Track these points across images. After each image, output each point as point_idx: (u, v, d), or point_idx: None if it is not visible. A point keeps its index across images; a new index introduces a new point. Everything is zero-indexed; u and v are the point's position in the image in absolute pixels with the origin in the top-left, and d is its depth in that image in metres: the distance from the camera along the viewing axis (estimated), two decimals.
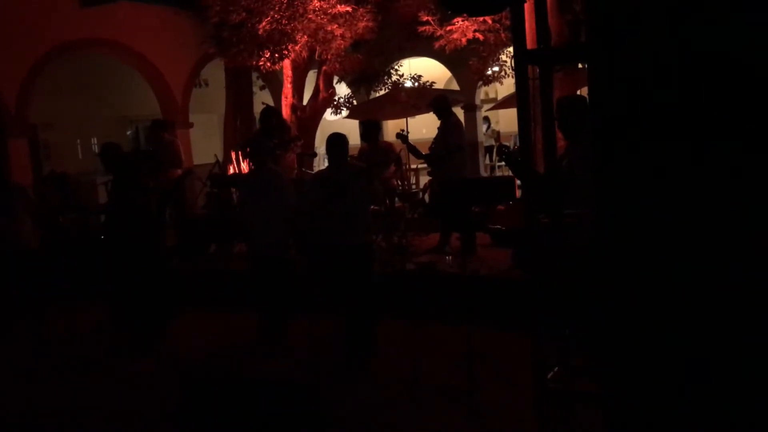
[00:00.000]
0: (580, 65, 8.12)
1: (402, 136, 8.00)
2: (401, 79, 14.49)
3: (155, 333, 6.29)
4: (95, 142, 14.71)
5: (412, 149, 7.96)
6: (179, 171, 9.66)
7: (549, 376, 3.01)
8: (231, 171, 9.72)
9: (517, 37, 2.80)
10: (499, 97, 17.35)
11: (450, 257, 7.71)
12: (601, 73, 2.34)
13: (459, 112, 15.72)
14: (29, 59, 10.80)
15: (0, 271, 6.55)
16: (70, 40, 11.31)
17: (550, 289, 3.18)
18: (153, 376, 5.63)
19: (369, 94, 15.60)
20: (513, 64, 2.89)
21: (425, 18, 8.72)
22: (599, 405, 2.64)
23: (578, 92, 8.89)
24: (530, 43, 2.98)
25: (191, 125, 13.57)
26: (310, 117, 11.25)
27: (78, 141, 14.77)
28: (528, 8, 3.55)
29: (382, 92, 14.36)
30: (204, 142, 15.12)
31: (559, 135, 5.09)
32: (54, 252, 7.99)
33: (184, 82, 13.24)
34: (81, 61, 12.53)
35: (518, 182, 5.80)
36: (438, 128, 8.26)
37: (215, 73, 13.70)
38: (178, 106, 13.17)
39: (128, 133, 15.46)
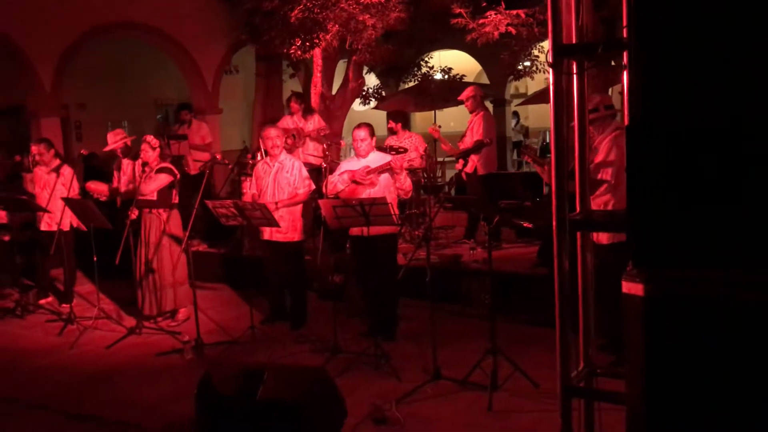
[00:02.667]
0: (613, 62, 8.02)
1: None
2: (431, 71, 14.44)
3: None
4: (126, 124, 14.88)
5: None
6: (207, 155, 9.77)
7: (573, 374, 2.99)
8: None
9: (554, 31, 2.77)
10: (529, 92, 17.22)
11: (475, 251, 7.69)
12: (641, 70, 2.31)
13: (488, 106, 15.64)
14: (65, 40, 10.92)
15: None
16: (104, 22, 11.41)
17: (576, 288, 3.15)
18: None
19: (398, 85, 15.57)
20: (547, 59, 2.85)
21: (458, 10, 8.64)
22: (623, 405, 2.62)
23: (610, 90, 8.78)
24: (570, 37, 2.94)
25: (221, 111, 13.66)
26: (338, 106, 11.25)
27: (109, 123, 14.94)
28: (563, 3, 3.50)
29: (411, 84, 14.33)
30: (232, 128, 15.23)
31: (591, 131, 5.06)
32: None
33: (215, 68, 13.30)
34: (114, 44, 12.66)
35: (546, 181, 5.75)
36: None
37: (245, 59, 13.76)
38: (209, 91, 13.24)
39: (158, 117, 15.60)
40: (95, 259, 6.76)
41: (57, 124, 11.09)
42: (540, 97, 13.34)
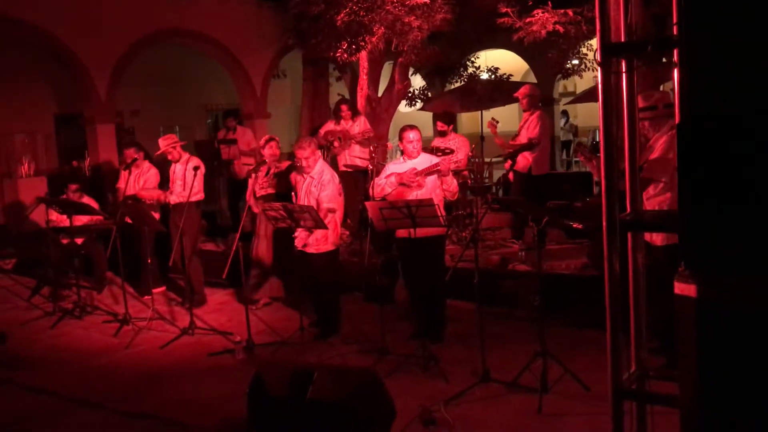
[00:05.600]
0: (664, 59, 7.85)
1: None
2: (477, 72, 14.37)
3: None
4: (177, 129, 15.20)
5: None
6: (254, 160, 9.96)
7: (624, 377, 2.94)
8: None
9: (602, 29, 2.74)
10: (578, 91, 16.99)
11: (523, 252, 7.62)
12: (691, 67, 2.27)
13: None
14: (120, 48, 11.25)
15: None
16: (156, 30, 11.71)
17: (628, 290, 3.10)
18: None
19: (444, 86, 15.52)
20: (595, 58, 2.82)
21: (504, 9, 8.58)
22: (676, 408, 2.57)
23: (661, 87, 8.60)
24: (618, 35, 2.90)
25: (269, 115, 13.85)
26: (384, 108, 11.28)
27: (161, 128, 15.29)
28: (611, 1, 3.46)
29: (457, 84, 14.28)
30: (281, 132, 15.42)
31: (642, 131, 4.96)
32: None
33: (263, 73, 13.50)
34: (165, 51, 12.96)
35: (596, 178, 5.66)
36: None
37: (293, 64, 13.92)
38: (257, 96, 13.45)
39: (208, 121, 15.90)
40: (149, 261, 6.94)
41: (112, 131, 11.42)
42: (589, 95, 13.14)
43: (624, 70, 2.87)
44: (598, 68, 2.85)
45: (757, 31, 2.14)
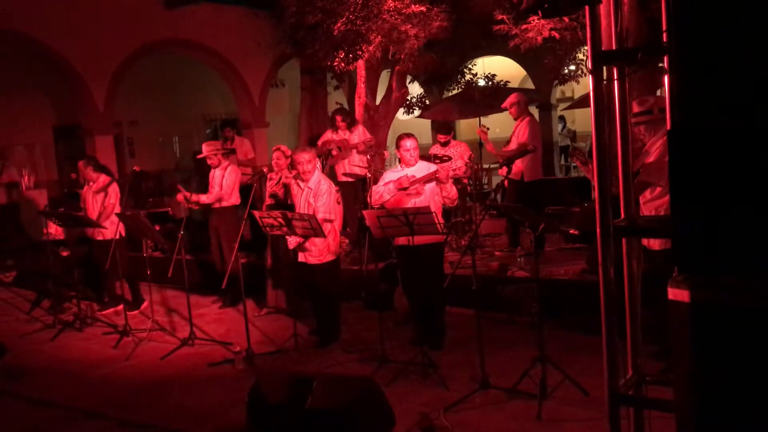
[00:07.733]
0: (660, 64, 7.87)
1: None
2: (474, 79, 14.43)
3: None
4: (176, 140, 15.24)
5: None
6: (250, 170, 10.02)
7: (621, 382, 2.95)
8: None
9: (593, 38, 2.76)
10: (576, 96, 17.04)
11: (522, 258, 7.63)
12: (681, 73, 2.29)
13: (534, 111, 15.54)
14: (117, 59, 11.31)
15: None
16: (154, 40, 11.77)
17: (625, 294, 3.12)
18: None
19: (442, 93, 15.58)
20: (586, 66, 2.84)
21: (500, 17, 8.61)
22: (672, 413, 2.58)
23: (658, 92, 8.63)
24: (611, 42, 2.92)
25: (267, 125, 13.88)
26: (382, 116, 11.32)
27: (160, 138, 15.34)
28: (607, 6, 3.49)
29: (454, 91, 14.34)
30: (279, 141, 15.46)
31: (639, 135, 4.98)
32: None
33: (261, 82, 13.57)
34: (163, 61, 13.02)
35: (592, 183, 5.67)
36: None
37: (290, 73, 13.98)
38: (255, 105, 13.51)
39: (207, 131, 15.95)
40: (148, 272, 6.94)
41: (110, 142, 11.47)
42: (586, 100, 13.16)
43: (615, 78, 2.89)
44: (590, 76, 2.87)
45: (745, 36, 2.17)
